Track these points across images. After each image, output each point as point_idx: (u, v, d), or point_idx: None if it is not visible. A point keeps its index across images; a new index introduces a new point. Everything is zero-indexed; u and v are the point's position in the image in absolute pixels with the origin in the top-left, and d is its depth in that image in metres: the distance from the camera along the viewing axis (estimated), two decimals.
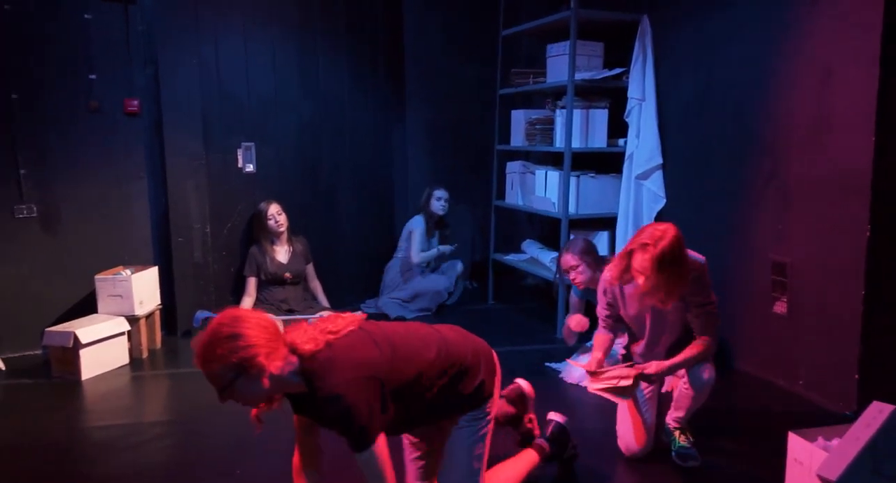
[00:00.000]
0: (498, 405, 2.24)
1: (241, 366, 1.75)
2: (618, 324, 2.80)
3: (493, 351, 2.21)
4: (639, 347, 2.76)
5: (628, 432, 2.70)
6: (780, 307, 3.42)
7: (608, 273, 2.69)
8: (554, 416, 2.55)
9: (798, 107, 3.29)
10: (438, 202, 4.89)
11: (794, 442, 2.39)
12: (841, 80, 3.06)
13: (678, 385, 2.71)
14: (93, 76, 4.08)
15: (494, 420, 2.20)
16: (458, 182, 5.46)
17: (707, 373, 2.58)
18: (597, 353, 2.72)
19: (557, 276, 3.99)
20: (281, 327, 1.90)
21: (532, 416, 2.60)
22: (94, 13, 4.03)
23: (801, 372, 3.35)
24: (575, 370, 3.49)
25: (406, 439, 2.24)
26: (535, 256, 4.94)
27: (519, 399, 2.57)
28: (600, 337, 2.79)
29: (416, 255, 4.86)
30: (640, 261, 2.39)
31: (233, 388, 1.78)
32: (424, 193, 4.96)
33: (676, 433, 2.69)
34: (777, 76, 3.39)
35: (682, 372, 2.63)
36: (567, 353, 3.71)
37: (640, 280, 2.46)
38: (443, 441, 2.12)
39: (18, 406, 3.31)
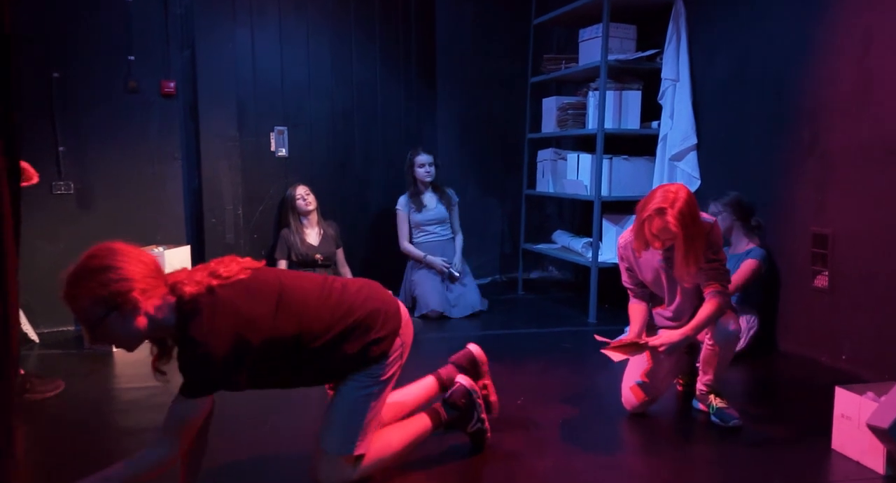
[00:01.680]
0: (397, 367, 2.08)
1: (112, 301, 1.66)
2: (645, 290, 2.73)
3: (405, 310, 2.11)
4: (665, 311, 2.69)
5: (627, 384, 2.67)
6: (822, 281, 3.32)
7: (623, 239, 2.65)
8: (462, 379, 2.32)
9: (839, 74, 3.22)
10: (421, 169, 4.46)
11: (842, 396, 2.31)
12: (883, 44, 3.00)
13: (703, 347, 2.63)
14: (131, 57, 4.16)
15: (390, 382, 2.07)
16: (489, 173, 5.46)
17: (732, 324, 2.50)
18: (634, 326, 2.67)
19: None
20: None
21: (487, 382, 2.43)
22: None
23: (844, 346, 3.23)
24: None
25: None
26: (567, 245, 4.88)
27: (470, 365, 2.42)
28: (634, 307, 2.72)
29: (402, 243, 4.55)
30: (660, 225, 2.35)
31: (104, 326, 1.69)
32: (406, 162, 4.54)
33: (711, 397, 2.60)
34: (817, 45, 3.34)
35: (705, 335, 2.55)
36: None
37: (657, 245, 2.42)
38: None
39: (51, 371, 3.32)
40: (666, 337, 2.46)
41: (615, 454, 2.39)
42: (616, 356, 2.50)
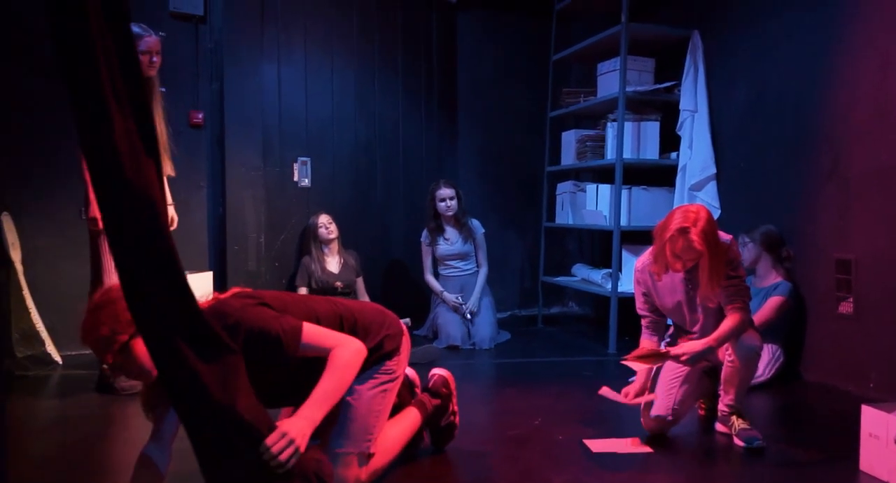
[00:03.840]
0: (404, 366, 2.15)
1: (130, 327, 1.68)
2: (660, 319, 2.71)
3: (401, 322, 2.19)
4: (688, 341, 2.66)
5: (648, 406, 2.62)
6: (846, 307, 3.28)
7: (640, 263, 2.64)
8: (439, 369, 2.45)
9: (858, 99, 3.24)
10: (442, 203, 4.46)
11: (869, 415, 2.25)
12: None
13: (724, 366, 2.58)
14: (163, 89, 4.27)
15: (400, 385, 2.14)
16: (509, 206, 5.49)
17: (753, 339, 2.46)
18: (641, 376, 2.64)
19: None
20: None
21: (456, 408, 2.44)
22: (168, 30, 4.25)
23: (871, 375, 3.16)
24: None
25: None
26: (586, 277, 4.87)
27: (444, 386, 2.42)
28: (645, 342, 2.69)
29: (425, 275, 4.58)
30: (684, 244, 2.34)
31: (125, 354, 1.72)
32: (427, 195, 4.54)
33: (733, 418, 2.55)
34: (834, 71, 3.37)
35: (726, 352, 2.51)
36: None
37: (678, 266, 2.41)
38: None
39: (75, 386, 3.37)
40: (688, 346, 2.43)
41: (633, 472, 2.34)
42: (637, 366, 2.48)
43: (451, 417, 2.40)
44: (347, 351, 1.87)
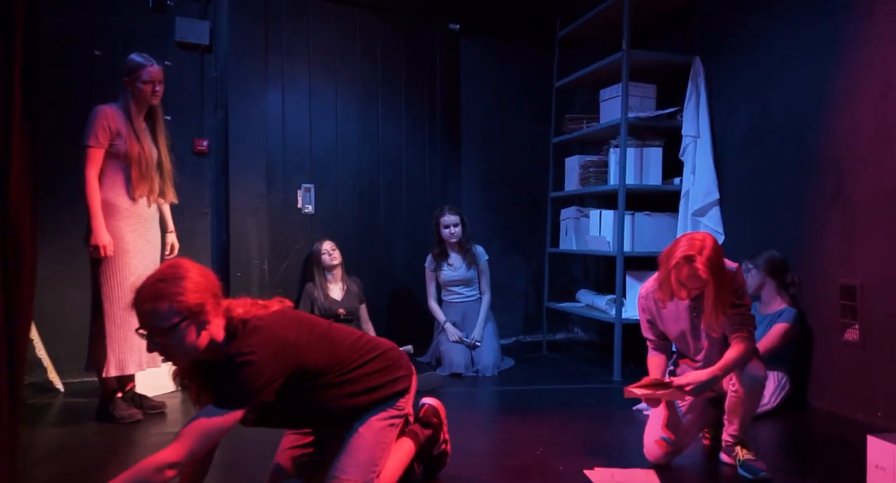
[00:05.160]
0: (411, 403, 2.21)
1: (191, 310, 1.72)
2: (666, 342, 2.69)
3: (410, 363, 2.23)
4: (693, 366, 2.63)
5: (651, 436, 2.58)
6: (852, 334, 3.23)
7: (644, 289, 2.63)
8: (428, 399, 2.46)
9: (860, 124, 3.24)
10: (446, 230, 4.44)
11: (875, 446, 2.21)
12: None
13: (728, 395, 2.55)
14: (168, 117, 4.32)
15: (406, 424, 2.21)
16: (513, 232, 5.48)
17: (758, 369, 2.43)
18: (654, 375, 2.61)
19: None
20: None
21: (447, 436, 2.46)
22: (173, 60, 4.34)
23: (879, 403, 3.11)
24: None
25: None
26: (591, 303, 4.84)
27: (435, 416, 2.42)
28: (653, 359, 2.67)
29: (429, 301, 4.59)
30: (689, 272, 2.33)
31: (171, 336, 1.73)
32: (432, 221, 4.55)
33: (737, 449, 2.50)
34: (836, 95, 3.37)
35: (730, 382, 2.48)
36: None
37: (683, 294, 2.40)
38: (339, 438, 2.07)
39: (75, 414, 3.36)
40: (692, 376, 2.41)
41: None
42: (641, 393, 2.45)
43: (443, 446, 2.42)
44: (156, 457, 1.76)
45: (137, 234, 3.30)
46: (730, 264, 2.46)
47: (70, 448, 2.86)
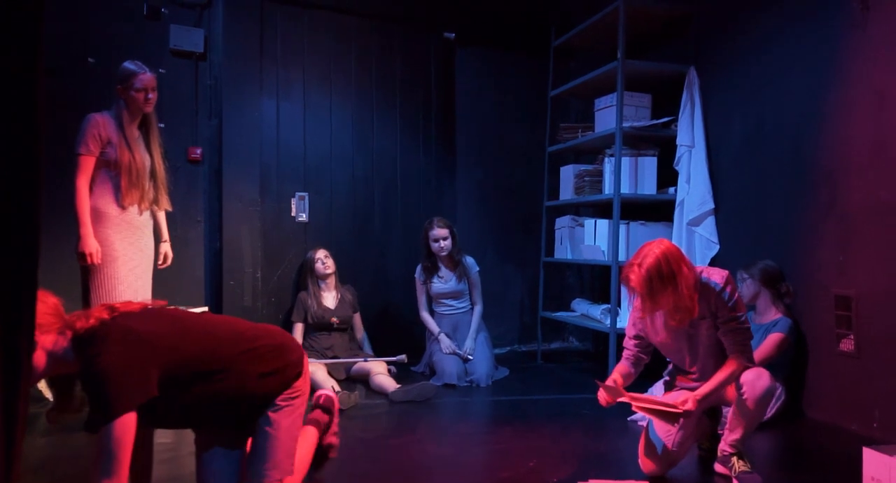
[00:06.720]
0: (308, 383, 2.19)
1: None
2: (643, 356, 2.66)
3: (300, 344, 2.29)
4: (689, 380, 2.61)
5: (648, 449, 2.57)
6: (847, 344, 3.22)
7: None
8: (324, 390, 2.58)
9: (855, 134, 3.24)
10: (436, 244, 4.40)
11: (871, 458, 2.20)
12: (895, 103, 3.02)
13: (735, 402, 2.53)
14: (161, 125, 4.28)
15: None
16: (508, 241, 5.47)
17: (767, 379, 2.41)
18: (614, 375, 2.60)
19: None
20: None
21: (337, 429, 2.53)
22: (167, 68, 4.33)
23: (875, 413, 3.09)
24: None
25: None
26: (586, 312, 4.82)
27: (330, 405, 2.50)
28: (621, 366, 2.65)
29: (420, 312, 4.55)
30: (633, 282, 2.34)
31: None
32: (422, 233, 4.50)
33: (734, 460, 2.48)
34: (831, 106, 3.37)
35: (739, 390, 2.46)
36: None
37: (637, 303, 2.40)
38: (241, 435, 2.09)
39: (64, 424, 3.30)
40: (690, 394, 2.40)
41: None
42: (645, 412, 2.43)
43: (332, 437, 2.46)
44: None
45: (127, 242, 3.27)
46: (719, 272, 2.45)
47: (59, 458, 2.83)
